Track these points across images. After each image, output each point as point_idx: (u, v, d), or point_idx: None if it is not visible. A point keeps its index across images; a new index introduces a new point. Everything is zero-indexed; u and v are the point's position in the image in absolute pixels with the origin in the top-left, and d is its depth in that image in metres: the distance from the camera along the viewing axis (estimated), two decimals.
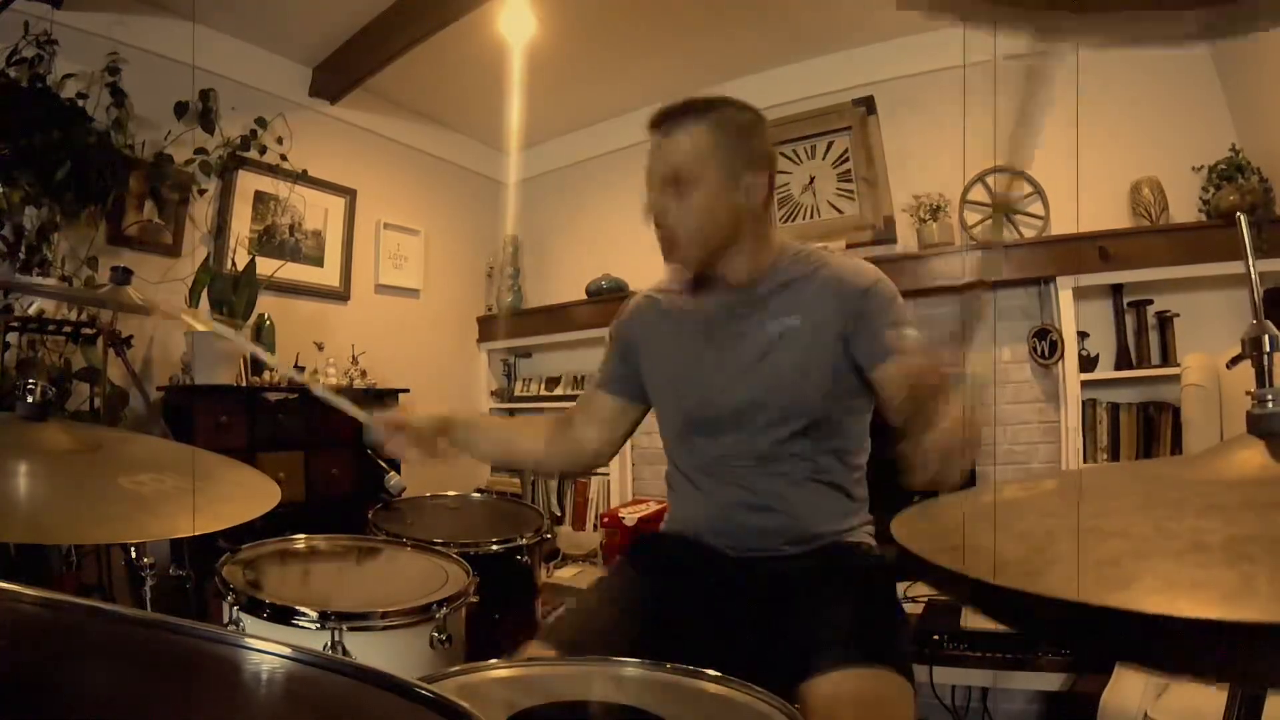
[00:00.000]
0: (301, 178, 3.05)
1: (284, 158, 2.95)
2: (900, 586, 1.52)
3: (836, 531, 1.11)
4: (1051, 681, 1.91)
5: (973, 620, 1.96)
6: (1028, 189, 2.74)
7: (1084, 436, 2.48)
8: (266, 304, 2.80)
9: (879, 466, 1.21)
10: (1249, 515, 0.40)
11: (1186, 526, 0.39)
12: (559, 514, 3.64)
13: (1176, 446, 2.34)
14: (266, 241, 2.99)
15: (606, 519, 2.84)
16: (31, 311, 2.05)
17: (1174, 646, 0.31)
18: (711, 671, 0.75)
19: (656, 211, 1.09)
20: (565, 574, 3.13)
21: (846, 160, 3.05)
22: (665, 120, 1.09)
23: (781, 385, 1.09)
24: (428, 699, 0.32)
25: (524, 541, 1.66)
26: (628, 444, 1.41)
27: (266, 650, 0.34)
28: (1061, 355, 2.48)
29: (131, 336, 2.34)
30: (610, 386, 1.29)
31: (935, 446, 0.82)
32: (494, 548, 1.59)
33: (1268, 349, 0.48)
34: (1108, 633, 0.30)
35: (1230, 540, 0.36)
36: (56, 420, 0.88)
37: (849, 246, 2.90)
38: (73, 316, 2.14)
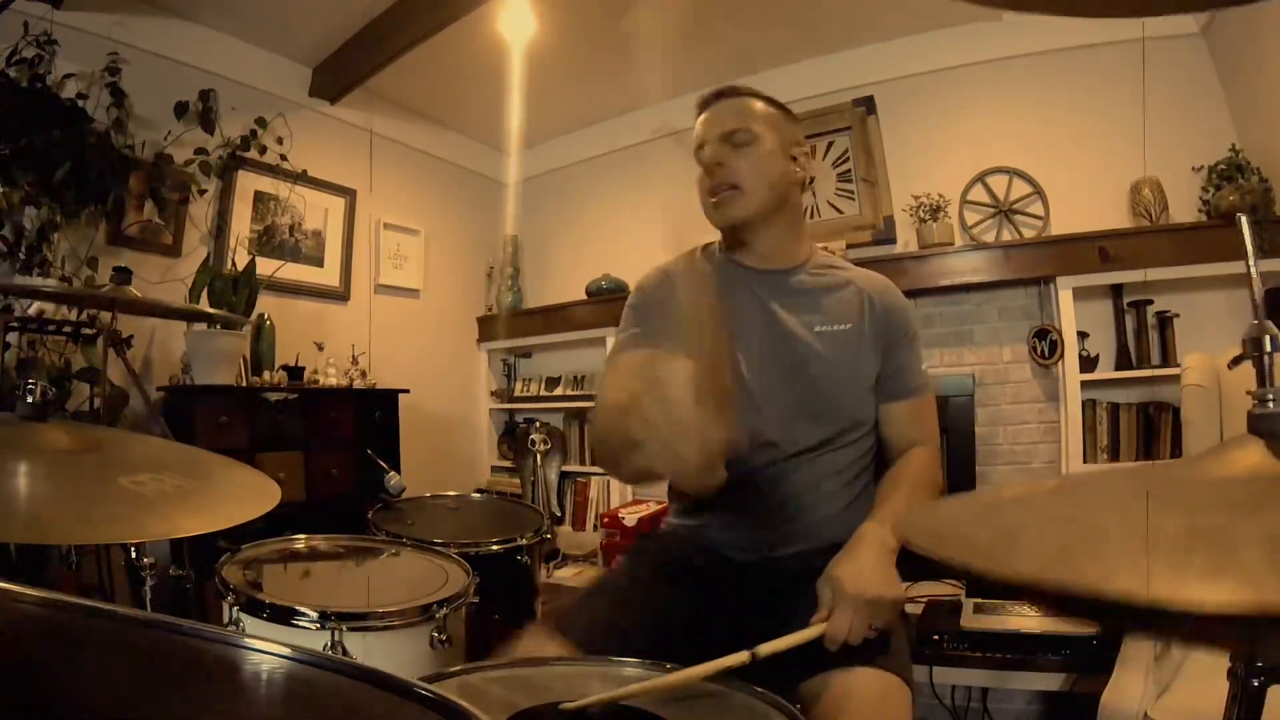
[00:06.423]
0: (301, 178, 3.05)
1: (284, 158, 2.95)
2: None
3: (845, 536, 1.11)
4: (1051, 681, 1.90)
5: (973, 620, 1.96)
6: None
7: (1084, 436, 2.48)
8: (266, 304, 2.80)
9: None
10: (1212, 512, 0.41)
11: (1149, 520, 0.40)
12: (559, 514, 3.64)
13: (1176, 446, 2.34)
14: (266, 241, 2.99)
15: (606, 519, 2.85)
16: (31, 311, 2.04)
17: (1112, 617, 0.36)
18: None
19: (716, 161, 1.10)
20: (565, 574, 3.13)
21: (846, 160, 3.05)
22: (718, 95, 1.15)
23: (826, 391, 1.10)
24: (428, 699, 0.32)
25: (524, 541, 1.65)
26: None
27: (266, 650, 0.34)
28: (1061, 355, 2.48)
29: (132, 336, 2.34)
30: None
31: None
32: (494, 548, 1.59)
33: (1268, 349, 0.48)
34: (1058, 603, 0.34)
35: (1183, 534, 0.37)
36: (56, 420, 0.87)
37: (849, 246, 2.90)
38: (73, 316, 2.14)
